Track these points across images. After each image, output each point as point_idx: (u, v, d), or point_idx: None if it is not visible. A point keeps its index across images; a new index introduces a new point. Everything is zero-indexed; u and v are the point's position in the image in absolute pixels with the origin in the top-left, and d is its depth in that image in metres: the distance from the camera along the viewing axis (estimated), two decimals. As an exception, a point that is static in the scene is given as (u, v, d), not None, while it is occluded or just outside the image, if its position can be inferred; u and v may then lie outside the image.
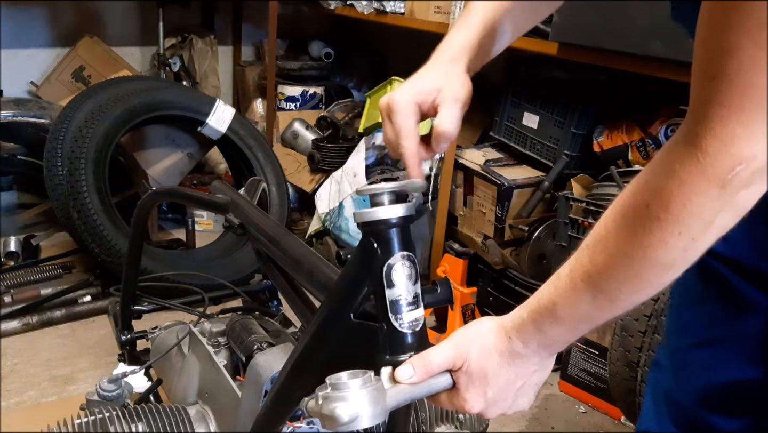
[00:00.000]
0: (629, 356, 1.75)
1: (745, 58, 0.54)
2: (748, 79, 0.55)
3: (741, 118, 0.56)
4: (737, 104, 0.56)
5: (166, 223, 3.51)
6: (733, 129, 0.56)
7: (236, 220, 1.32)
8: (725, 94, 0.56)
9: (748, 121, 0.56)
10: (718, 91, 0.57)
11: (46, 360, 2.37)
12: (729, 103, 0.56)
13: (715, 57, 0.57)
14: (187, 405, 1.45)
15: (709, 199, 0.59)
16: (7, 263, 2.85)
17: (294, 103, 3.79)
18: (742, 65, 0.55)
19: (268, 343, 1.35)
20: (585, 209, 2.23)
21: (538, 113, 2.58)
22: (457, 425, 1.48)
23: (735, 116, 0.56)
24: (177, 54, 3.80)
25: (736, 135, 0.57)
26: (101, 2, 3.69)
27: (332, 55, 3.87)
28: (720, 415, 0.97)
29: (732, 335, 0.95)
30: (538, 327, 0.72)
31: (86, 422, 1.34)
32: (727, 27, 0.55)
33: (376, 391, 0.69)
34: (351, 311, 0.81)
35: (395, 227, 0.77)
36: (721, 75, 0.56)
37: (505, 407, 0.77)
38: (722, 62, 0.56)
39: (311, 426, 1.21)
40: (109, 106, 2.74)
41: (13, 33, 3.44)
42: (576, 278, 0.68)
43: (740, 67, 0.55)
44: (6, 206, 3.28)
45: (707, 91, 0.58)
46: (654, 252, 0.62)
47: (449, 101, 0.91)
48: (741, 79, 0.55)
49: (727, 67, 0.56)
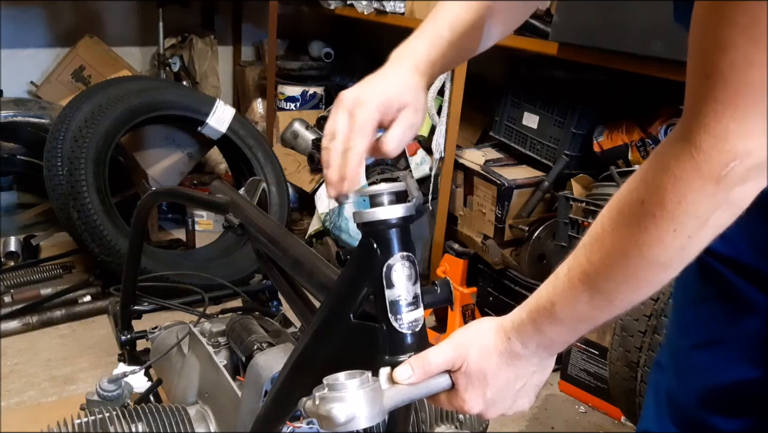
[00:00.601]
0: (629, 356, 1.74)
1: (739, 54, 0.54)
2: (741, 75, 0.55)
3: (735, 114, 0.56)
4: (731, 100, 0.56)
5: (166, 223, 3.51)
6: (727, 125, 0.56)
7: (236, 220, 1.32)
8: (719, 90, 0.56)
9: (743, 117, 0.56)
10: (712, 88, 0.57)
11: (46, 360, 2.37)
12: (723, 99, 0.56)
13: (709, 54, 0.57)
14: (187, 405, 1.45)
15: (704, 195, 0.59)
16: (7, 262, 2.85)
17: (294, 103, 3.79)
18: (736, 62, 0.55)
19: (268, 343, 1.35)
20: (585, 209, 2.23)
21: (538, 113, 2.58)
22: (457, 425, 1.47)
23: (729, 112, 0.56)
24: (177, 54, 3.80)
25: (730, 131, 0.56)
26: (101, 2, 3.69)
27: (332, 55, 3.87)
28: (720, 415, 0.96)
29: (732, 335, 0.95)
30: (537, 327, 0.71)
31: (86, 422, 1.34)
32: (720, 24, 0.55)
33: (373, 391, 0.69)
34: (351, 312, 0.80)
35: (395, 228, 0.77)
36: (715, 72, 0.56)
37: (505, 407, 0.77)
38: (716, 59, 0.56)
39: (311, 426, 1.21)
40: (109, 106, 2.74)
41: (13, 33, 3.44)
42: (574, 278, 0.68)
43: (734, 64, 0.55)
44: (6, 206, 3.28)
45: (701, 88, 0.58)
46: (650, 250, 0.62)
47: (406, 126, 0.88)
48: (734, 76, 0.55)
49: (721, 63, 0.56)
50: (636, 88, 2.41)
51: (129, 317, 1.81)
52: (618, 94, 2.47)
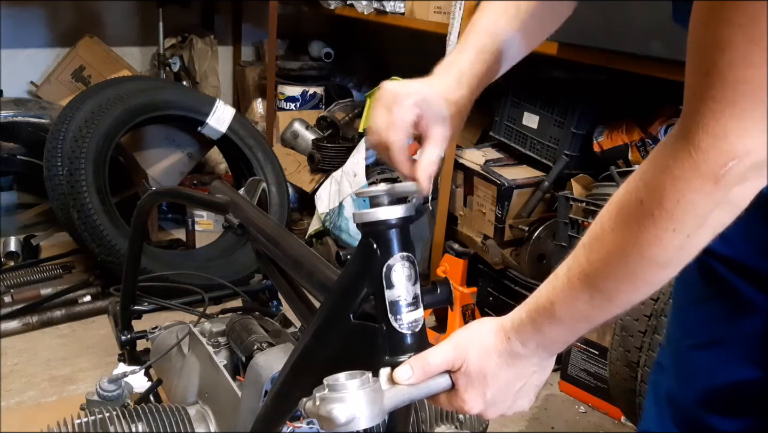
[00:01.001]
0: (629, 356, 1.74)
1: (738, 53, 0.54)
2: (740, 74, 0.55)
3: (734, 113, 0.56)
4: (730, 99, 0.56)
5: (166, 223, 3.51)
6: (726, 124, 0.56)
7: (236, 220, 1.32)
8: (718, 89, 0.56)
9: (741, 116, 0.56)
10: (711, 87, 0.56)
11: (46, 360, 2.37)
12: (721, 98, 0.56)
13: (708, 53, 0.56)
14: (187, 405, 1.45)
15: (702, 195, 0.59)
16: (7, 262, 2.85)
17: (294, 103, 3.79)
18: (735, 60, 0.55)
19: (268, 343, 1.35)
20: (585, 209, 2.23)
21: (538, 113, 2.57)
22: (457, 426, 1.47)
23: (728, 111, 0.56)
24: (177, 54, 3.80)
25: (728, 130, 0.56)
26: (101, 2, 3.69)
27: (332, 55, 3.87)
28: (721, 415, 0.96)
29: (732, 335, 0.95)
30: (537, 327, 0.71)
31: (86, 422, 1.34)
32: (718, 23, 0.55)
33: (373, 392, 0.69)
34: (350, 312, 0.80)
35: (395, 228, 0.77)
36: (714, 71, 0.56)
37: (505, 408, 0.77)
38: (714, 58, 0.56)
39: (311, 426, 1.21)
40: (109, 106, 2.74)
41: (13, 33, 3.44)
42: (573, 277, 0.68)
43: (732, 63, 0.55)
44: (6, 206, 3.28)
45: (700, 88, 0.57)
46: (649, 249, 0.62)
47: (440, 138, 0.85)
48: (733, 75, 0.55)
49: (720, 62, 0.55)
50: (636, 88, 2.40)
51: (129, 317, 1.80)
52: (618, 94, 2.47)
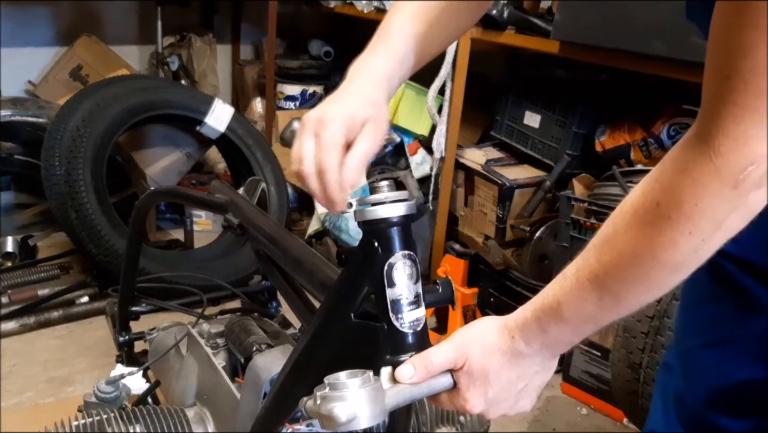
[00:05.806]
0: (632, 358, 1.73)
1: (761, 57, 0.54)
2: (762, 79, 0.55)
3: (755, 118, 0.56)
4: (751, 104, 0.55)
5: (165, 223, 3.50)
6: (747, 128, 0.56)
7: (235, 220, 1.32)
8: (740, 93, 0.56)
9: (762, 120, 0.56)
10: (733, 91, 0.56)
11: (43, 361, 2.36)
12: (743, 103, 0.56)
13: (730, 56, 0.56)
14: (185, 407, 1.45)
15: (721, 199, 0.58)
16: (5, 263, 2.83)
17: (293, 102, 3.78)
18: (758, 65, 0.54)
19: (267, 344, 1.35)
20: (587, 209, 2.22)
21: (539, 112, 2.57)
22: (458, 427, 1.47)
23: (749, 116, 0.56)
24: (176, 53, 3.79)
25: (749, 135, 0.56)
26: (99, 1, 3.68)
27: (332, 53, 3.86)
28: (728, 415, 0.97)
29: (741, 334, 0.95)
30: (542, 327, 0.71)
31: (84, 423, 1.33)
32: (742, 26, 0.54)
33: (374, 391, 0.69)
34: (351, 311, 0.80)
35: (396, 226, 0.77)
36: (736, 74, 0.56)
37: (507, 407, 0.77)
38: (737, 61, 0.55)
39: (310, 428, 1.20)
40: (107, 105, 2.73)
41: (10, 32, 3.43)
42: (582, 278, 0.67)
43: (756, 67, 0.54)
44: (3, 206, 3.27)
45: (721, 90, 0.57)
46: (664, 252, 0.62)
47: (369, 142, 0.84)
48: (756, 79, 0.55)
49: (742, 66, 0.55)
50: (638, 87, 2.40)
51: (127, 318, 1.80)
52: (620, 94, 2.46)
